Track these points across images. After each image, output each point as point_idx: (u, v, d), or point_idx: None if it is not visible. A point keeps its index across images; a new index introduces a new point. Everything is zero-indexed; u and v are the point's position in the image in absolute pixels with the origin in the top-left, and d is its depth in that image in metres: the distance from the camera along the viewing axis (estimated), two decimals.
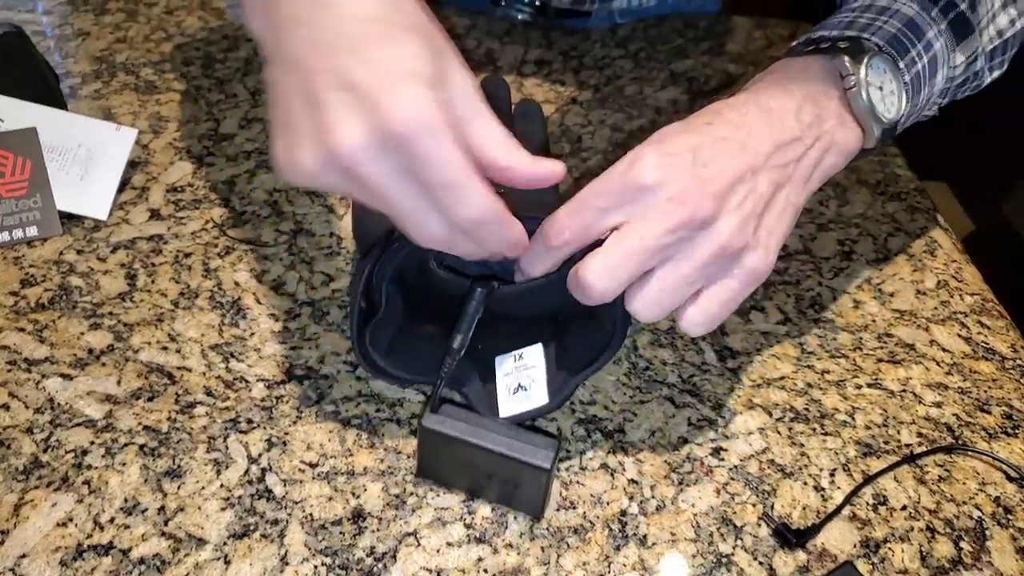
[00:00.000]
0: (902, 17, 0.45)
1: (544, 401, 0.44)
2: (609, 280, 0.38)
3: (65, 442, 0.43)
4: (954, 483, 0.45)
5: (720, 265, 0.39)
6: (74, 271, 0.52)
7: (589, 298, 0.39)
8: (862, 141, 0.44)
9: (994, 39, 0.48)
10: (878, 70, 0.43)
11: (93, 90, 0.66)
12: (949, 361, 0.52)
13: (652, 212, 0.38)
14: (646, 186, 0.38)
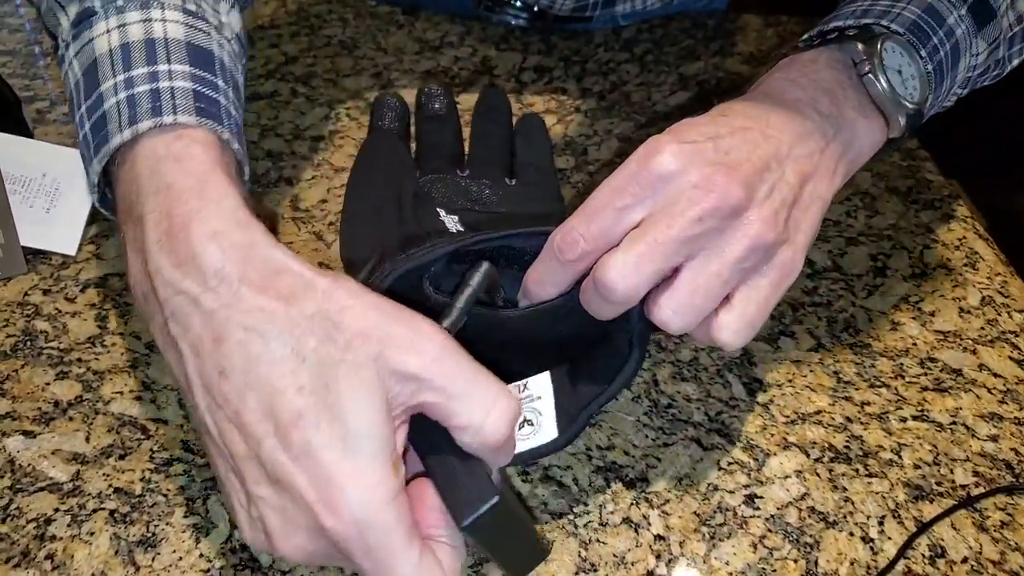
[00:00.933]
0: (921, 3, 0.42)
1: (553, 436, 0.39)
2: (634, 277, 0.34)
3: (26, 510, 0.39)
4: (1018, 528, 0.41)
5: (753, 261, 0.35)
6: (40, 313, 0.48)
7: (611, 300, 0.34)
8: (886, 130, 0.41)
9: (1014, 25, 0.46)
10: (894, 53, 0.41)
11: (62, 114, 0.62)
12: (1002, 388, 0.48)
13: (677, 200, 0.34)
14: (667, 174, 0.34)
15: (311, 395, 0.29)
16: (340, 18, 0.74)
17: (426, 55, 0.70)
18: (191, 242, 0.31)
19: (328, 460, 0.28)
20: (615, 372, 0.40)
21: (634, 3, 0.75)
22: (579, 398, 0.40)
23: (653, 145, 0.35)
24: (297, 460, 0.28)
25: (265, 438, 0.29)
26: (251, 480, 0.30)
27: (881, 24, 0.42)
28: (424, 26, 0.73)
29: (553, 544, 0.39)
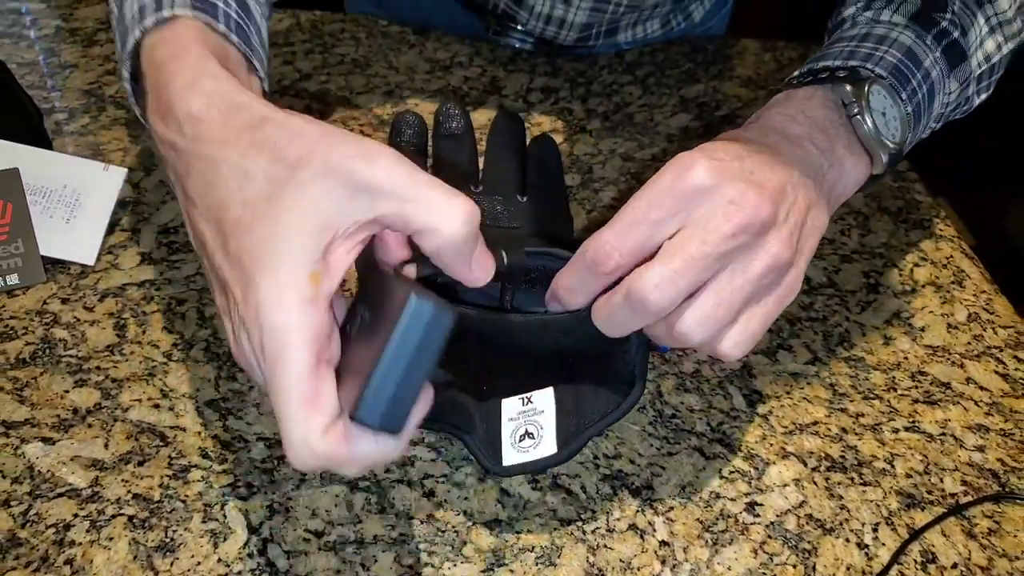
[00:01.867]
0: (900, 47, 0.45)
1: (552, 451, 0.41)
2: (671, 291, 0.35)
3: (46, 515, 0.40)
4: (1005, 536, 0.43)
5: (771, 279, 0.37)
6: (58, 322, 0.49)
7: (642, 313, 0.35)
8: (871, 168, 0.43)
9: (982, 64, 0.48)
10: (879, 96, 0.43)
11: (80, 126, 0.63)
12: (988, 400, 0.49)
13: (713, 215, 0.35)
14: (703, 188, 0.35)
15: (252, 206, 0.31)
16: (353, 37, 0.75)
17: (437, 74, 0.72)
18: (170, 99, 0.35)
19: (250, 262, 0.31)
20: (618, 401, 0.41)
21: (635, 31, 0.77)
22: (580, 419, 0.41)
23: (686, 160, 0.36)
24: (232, 265, 0.32)
25: (215, 252, 0.33)
26: (216, 293, 0.34)
27: (867, 67, 0.44)
28: (435, 46, 0.75)
29: (562, 550, 0.40)
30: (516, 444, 0.41)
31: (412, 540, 0.40)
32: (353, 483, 0.42)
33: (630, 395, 0.41)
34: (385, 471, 0.43)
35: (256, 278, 0.30)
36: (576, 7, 0.70)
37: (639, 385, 0.41)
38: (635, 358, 0.40)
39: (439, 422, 0.43)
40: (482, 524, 0.41)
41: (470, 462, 0.43)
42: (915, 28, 0.46)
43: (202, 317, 0.50)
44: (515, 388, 0.43)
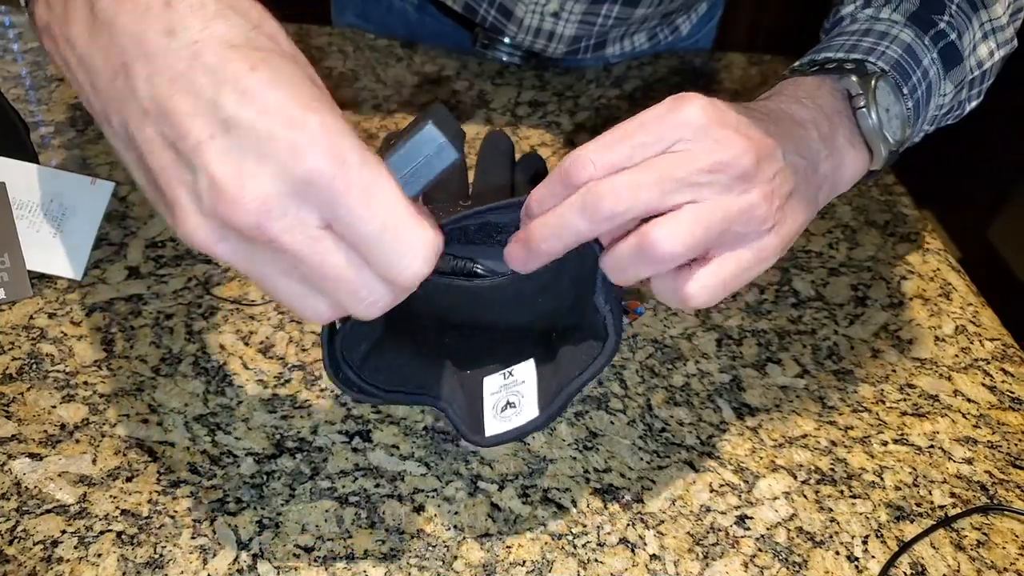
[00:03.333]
0: (901, 43, 0.45)
1: (534, 415, 0.40)
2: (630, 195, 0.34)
3: (33, 532, 0.40)
4: (993, 548, 0.43)
5: (744, 227, 0.36)
6: (45, 337, 0.49)
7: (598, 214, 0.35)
8: (869, 162, 0.43)
9: (974, 69, 0.48)
10: (884, 92, 0.43)
11: (67, 139, 0.63)
12: (976, 413, 0.50)
13: (695, 147, 0.35)
14: (694, 123, 0.35)
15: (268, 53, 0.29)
16: (340, 50, 0.76)
17: (425, 88, 0.72)
18: None
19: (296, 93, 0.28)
20: (594, 355, 0.41)
21: (623, 45, 0.78)
22: (559, 380, 0.41)
23: (685, 96, 0.36)
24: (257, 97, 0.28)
25: (221, 85, 0.28)
26: (200, 132, 0.28)
27: (870, 60, 0.44)
28: (422, 60, 0.75)
29: (553, 564, 0.40)
30: (498, 415, 0.41)
31: (402, 555, 0.40)
32: (343, 498, 0.42)
33: (604, 349, 0.40)
34: (375, 486, 0.43)
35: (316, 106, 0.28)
36: (565, 20, 0.71)
37: (612, 339, 0.40)
38: (605, 311, 0.40)
39: (421, 395, 0.44)
40: (472, 538, 0.41)
41: (460, 476, 0.43)
42: (913, 27, 0.46)
43: (190, 331, 0.50)
44: (496, 358, 0.43)
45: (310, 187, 0.28)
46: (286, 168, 0.28)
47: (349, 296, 0.31)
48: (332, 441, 0.45)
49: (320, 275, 0.30)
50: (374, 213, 0.29)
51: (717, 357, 0.52)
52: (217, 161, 0.28)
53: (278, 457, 0.44)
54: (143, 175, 0.31)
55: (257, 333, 0.50)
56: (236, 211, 0.28)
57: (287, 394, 0.47)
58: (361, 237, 0.29)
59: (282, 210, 0.28)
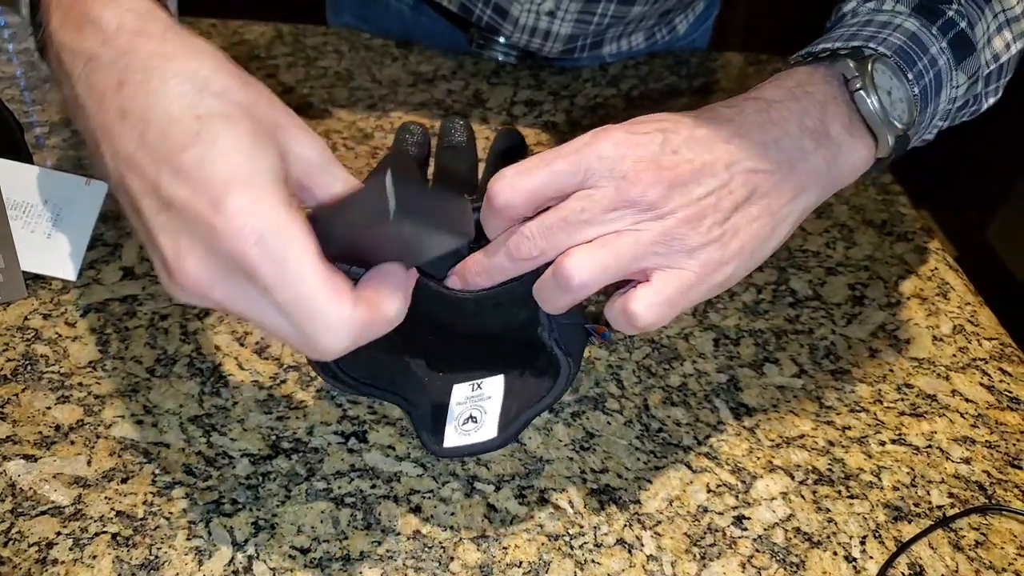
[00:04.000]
0: (905, 31, 0.43)
1: (492, 436, 0.41)
2: (543, 242, 0.37)
3: (28, 533, 0.39)
4: (992, 548, 0.43)
5: (665, 251, 0.37)
6: (40, 338, 0.49)
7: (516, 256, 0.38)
8: (874, 150, 0.42)
9: (990, 63, 0.47)
10: (883, 74, 0.42)
11: (62, 140, 0.63)
12: (973, 412, 0.50)
13: (601, 186, 0.37)
14: (605, 158, 0.37)
15: (209, 120, 0.30)
16: (335, 50, 0.76)
17: (420, 87, 0.72)
18: (88, 11, 0.33)
19: (222, 170, 0.30)
20: (550, 384, 0.42)
21: (619, 44, 0.78)
22: (520, 404, 0.42)
23: (606, 129, 0.38)
24: (188, 177, 0.30)
25: (160, 165, 0.31)
26: (149, 213, 0.31)
27: (869, 46, 0.42)
28: (418, 59, 0.75)
29: (550, 565, 0.40)
30: (459, 427, 0.42)
31: (399, 556, 0.40)
32: (339, 499, 0.42)
33: (557, 382, 0.41)
34: (371, 487, 0.42)
35: (236, 186, 0.30)
36: (561, 19, 0.71)
37: (565, 369, 0.41)
38: (551, 342, 0.41)
39: (392, 392, 0.45)
40: (469, 540, 0.41)
41: (457, 477, 0.43)
42: (919, 18, 0.44)
43: (185, 332, 0.50)
44: (469, 364, 0.44)
45: (234, 262, 0.30)
46: (211, 246, 0.30)
47: (303, 349, 0.33)
48: (328, 442, 0.44)
49: (271, 330, 0.32)
50: (286, 287, 0.30)
51: (714, 357, 0.51)
52: (163, 237, 0.31)
53: (274, 458, 0.43)
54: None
55: (252, 334, 0.50)
56: (181, 283, 0.31)
57: (282, 395, 0.47)
58: (280, 307, 0.31)
59: (218, 283, 0.31)
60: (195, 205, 0.30)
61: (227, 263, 0.30)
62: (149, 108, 0.31)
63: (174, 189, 0.30)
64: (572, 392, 0.48)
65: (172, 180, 0.30)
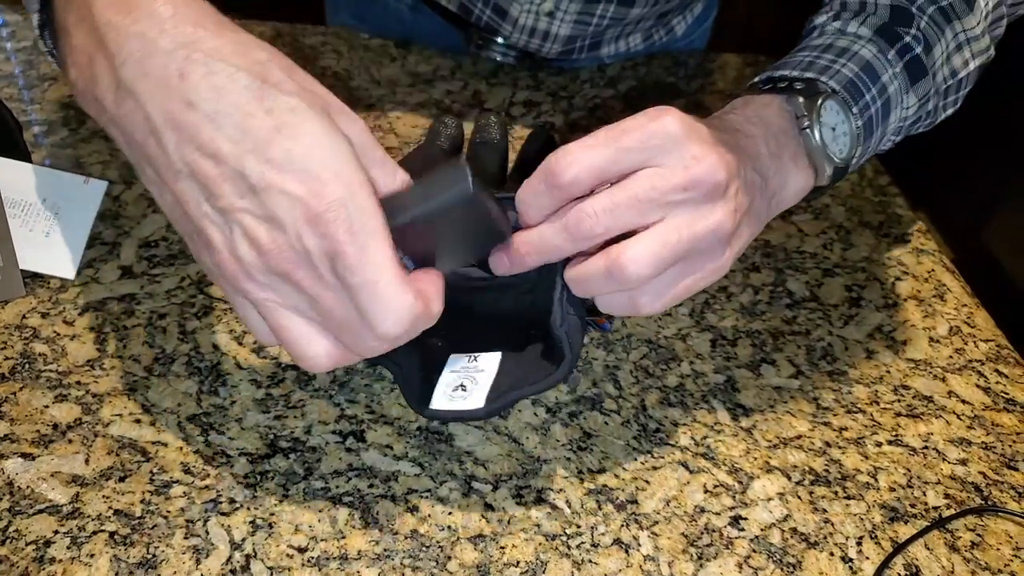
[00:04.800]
0: (859, 60, 0.46)
1: (478, 406, 0.41)
2: (607, 219, 0.37)
3: (25, 532, 0.39)
4: (987, 549, 0.43)
5: (706, 246, 0.38)
6: (38, 336, 0.49)
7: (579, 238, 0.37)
8: (814, 180, 0.44)
9: (948, 79, 0.49)
10: (831, 111, 0.44)
11: (60, 139, 0.63)
12: (970, 414, 0.50)
13: (673, 164, 0.36)
14: (673, 134, 0.36)
15: (282, 115, 0.32)
16: (334, 50, 0.76)
17: (419, 88, 0.72)
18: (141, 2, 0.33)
19: (312, 162, 0.32)
20: (549, 371, 0.42)
21: (618, 45, 0.78)
22: (512, 382, 0.42)
23: (661, 109, 0.37)
24: (281, 167, 0.32)
25: (245, 154, 0.32)
26: (231, 196, 0.32)
27: (821, 80, 0.45)
28: (416, 59, 0.75)
29: (547, 565, 0.40)
30: (448, 392, 0.42)
31: (396, 555, 0.40)
32: (337, 498, 0.42)
33: (558, 368, 0.41)
34: (369, 486, 0.42)
35: (323, 173, 0.32)
36: (560, 20, 0.71)
37: (568, 358, 0.41)
38: (561, 330, 0.41)
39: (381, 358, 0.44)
40: (466, 539, 0.41)
41: (454, 477, 0.43)
42: (878, 42, 0.47)
43: (183, 331, 0.50)
44: (465, 345, 0.44)
45: (324, 244, 0.32)
46: (303, 227, 0.32)
47: (352, 337, 0.34)
48: (326, 441, 0.44)
49: (329, 315, 0.34)
50: (364, 270, 0.32)
51: (711, 358, 0.52)
52: (248, 220, 0.32)
53: (271, 457, 0.43)
54: (179, 218, 0.35)
55: (251, 334, 0.50)
56: (268, 261, 0.33)
57: (280, 394, 0.47)
58: (351, 289, 0.33)
59: (303, 261, 0.32)
60: (293, 190, 0.31)
61: (317, 243, 0.32)
62: (219, 101, 0.32)
63: (266, 176, 0.32)
64: (570, 392, 0.48)
65: (262, 167, 0.32)
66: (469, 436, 0.45)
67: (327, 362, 0.35)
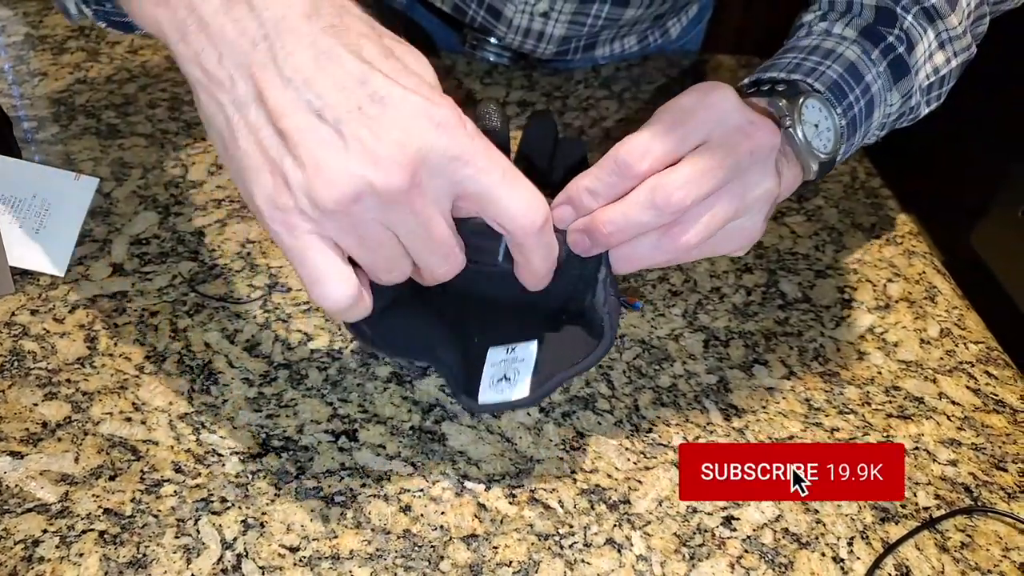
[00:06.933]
0: (844, 62, 0.48)
1: (525, 395, 0.42)
2: (696, 190, 0.38)
3: (14, 531, 0.39)
4: (977, 549, 0.43)
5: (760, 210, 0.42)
6: (27, 334, 0.48)
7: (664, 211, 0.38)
8: (802, 175, 0.46)
9: (931, 76, 0.50)
10: (813, 109, 0.46)
11: (50, 135, 0.62)
12: (960, 415, 0.50)
13: (735, 133, 0.39)
14: (728, 107, 0.39)
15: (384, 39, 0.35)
16: None
17: None
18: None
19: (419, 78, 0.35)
20: (587, 351, 0.43)
21: (612, 47, 0.78)
22: (552, 367, 0.43)
23: (710, 84, 0.40)
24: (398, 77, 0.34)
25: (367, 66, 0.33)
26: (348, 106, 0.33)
27: (807, 81, 0.46)
28: None
29: (540, 565, 0.40)
30: (493, 385, 0.43)
31: (388, 555, 0.40)
32: (329, 497, 0.42)
33: (598, 347, 0.42)
34: (361, 485, 0.42)
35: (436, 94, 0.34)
36: (555, 20, 0.71)
37: (608, 337, 0.42)
38: (603, 311, 0.42)
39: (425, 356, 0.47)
40: (459, 539, 0.41)
41: (447, 476, 0.43)
42: (862, 43, 0.48)
43: (175, 329, 0.49)
44: (504, 333, 0.45)
45: (446, 156, 0.33)
46: (430, 140, 0.33)
47: (440, 258, 0.36)
48: (318, 440, 0.44)
49: (428, 235, 0.35)
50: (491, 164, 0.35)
51: (704, 358, 0.52)
52: (366, 131, 0.32)
53: (263, 456, 0.43)
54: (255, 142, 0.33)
55: (243, 331, 0.50)
56: (388, 176, 0.32)
57: (272, 393, 0.46)
58: (484, 188, 0.35)
59: (426, 175, 0.33)
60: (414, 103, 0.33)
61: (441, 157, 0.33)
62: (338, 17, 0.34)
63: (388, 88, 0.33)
64: (563, 392, 0.48)
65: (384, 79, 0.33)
66: (462, 436, 0.45)
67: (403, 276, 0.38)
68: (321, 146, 0.32)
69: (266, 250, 0.55)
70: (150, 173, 0.61)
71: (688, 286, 0.57)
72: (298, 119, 0.33)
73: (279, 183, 0.33)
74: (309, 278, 0.34)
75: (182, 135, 0.65)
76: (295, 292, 0.52)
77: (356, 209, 0.33)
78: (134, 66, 0.72)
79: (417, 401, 0.47)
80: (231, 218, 0.57)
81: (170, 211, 0.58)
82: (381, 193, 0.33)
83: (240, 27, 0.33)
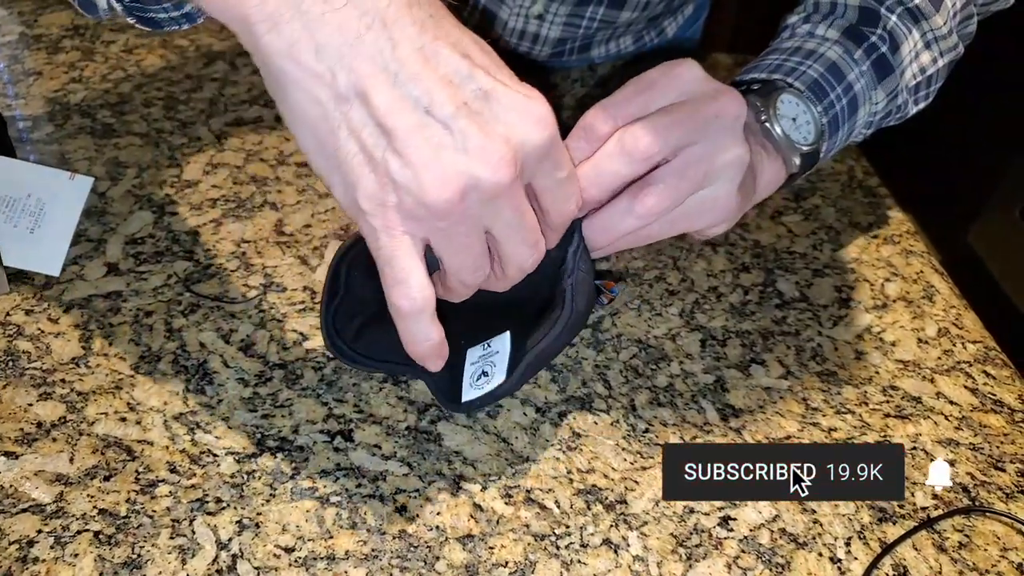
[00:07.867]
0: (825, 61, 0.48)
1: (502, 380, 0.43)
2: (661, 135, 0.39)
3: (8, 531, 0.39)
4: (975, 549, 0.43)
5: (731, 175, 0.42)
6: (22, 334, 0.48)
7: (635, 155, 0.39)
8: (785, 170, 0.47)
9: (917, 75, 0.51)
10: (790, 104, 0.46)
11: (45, 134, 0.62)
12: (958, 415, 0.50)
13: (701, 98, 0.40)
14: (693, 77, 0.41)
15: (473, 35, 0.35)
16: None
17: None
18: None
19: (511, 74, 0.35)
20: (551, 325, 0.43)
21: (608, 47, 0.78)
22: (523, 349, 0.43)
23: (675, 60, 0.41)
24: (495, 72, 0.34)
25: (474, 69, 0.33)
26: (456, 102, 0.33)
27: (786, 81, 0.47)
28: None
29: (536, 565, 0.40)
30: (474, 383, 0.44)
31: (384, 556, 0.39)
32: (324, 498, 0.41)
33: (559, 318, 0.43)
34: (356, 486, 0.42)
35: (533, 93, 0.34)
36: (550, 23, 0.71)
37: (568, 307, 0.43)
38: (568, 282, 0.43)
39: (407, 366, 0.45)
40: (455, 539, 0.41)
41: (443, 476, 0.43)
42: (845, 43, 0.49)
43: (170, 329, 0.49)
44: (482, 331, 0.45)
45: (542, 151, 0.34)
46: (532, 136, 0.33)
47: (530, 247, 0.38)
48: (313, 440, 0.44)
49: (522, 225, 0.36)
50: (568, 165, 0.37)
51: (701, 358, 0.52)
52: (474, 128, 0.32)
53: (258, 456, 0.43)
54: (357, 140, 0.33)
55: (238, 331, 0.50)
56: (495, 172, 0.33)
57: (268, 393, 0.46)
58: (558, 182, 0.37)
59: (523, 166, 0.34)
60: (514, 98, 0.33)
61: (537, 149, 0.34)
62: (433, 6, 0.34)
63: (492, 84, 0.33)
64: (560, 391, 0.48)
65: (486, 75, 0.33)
66: (458, 436, 0.45)
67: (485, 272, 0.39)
68: (429, 144, 0.32)
69: (261, 250, 0.55)
70: (145, 172, 0.60)
71: (685, 285, 0.56)
72: (405, 117, 0.32)
73: (384, 181, 0.33)
74: (395, 278, 0.35)
75: (177, 134, 0.64)
76: (290, 292, 0.52)
77: (461, 207, 0.33)
78: (129, 65, 0.72)
79: (413, 401, 0.47)
80: (226, 218, 0.57)
81: (165, 211, 0.57)
82: (488, 189, 0.33)
83: (340, 17, 0.32)
